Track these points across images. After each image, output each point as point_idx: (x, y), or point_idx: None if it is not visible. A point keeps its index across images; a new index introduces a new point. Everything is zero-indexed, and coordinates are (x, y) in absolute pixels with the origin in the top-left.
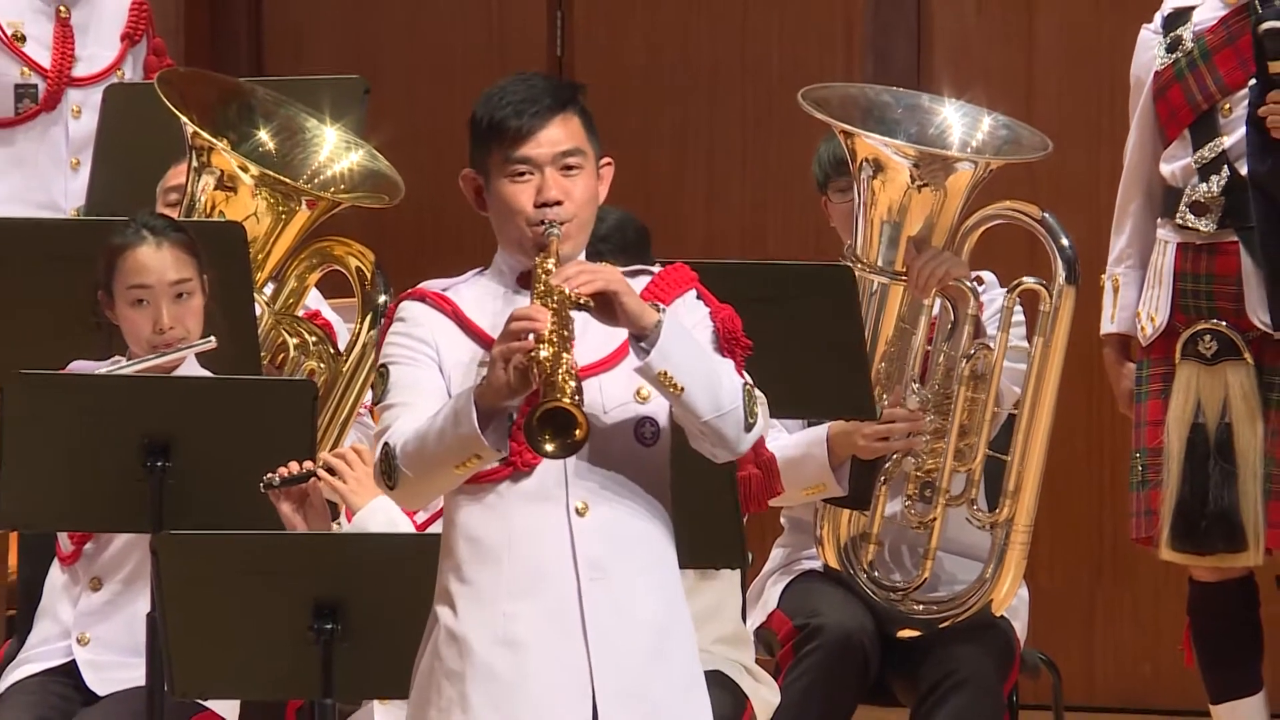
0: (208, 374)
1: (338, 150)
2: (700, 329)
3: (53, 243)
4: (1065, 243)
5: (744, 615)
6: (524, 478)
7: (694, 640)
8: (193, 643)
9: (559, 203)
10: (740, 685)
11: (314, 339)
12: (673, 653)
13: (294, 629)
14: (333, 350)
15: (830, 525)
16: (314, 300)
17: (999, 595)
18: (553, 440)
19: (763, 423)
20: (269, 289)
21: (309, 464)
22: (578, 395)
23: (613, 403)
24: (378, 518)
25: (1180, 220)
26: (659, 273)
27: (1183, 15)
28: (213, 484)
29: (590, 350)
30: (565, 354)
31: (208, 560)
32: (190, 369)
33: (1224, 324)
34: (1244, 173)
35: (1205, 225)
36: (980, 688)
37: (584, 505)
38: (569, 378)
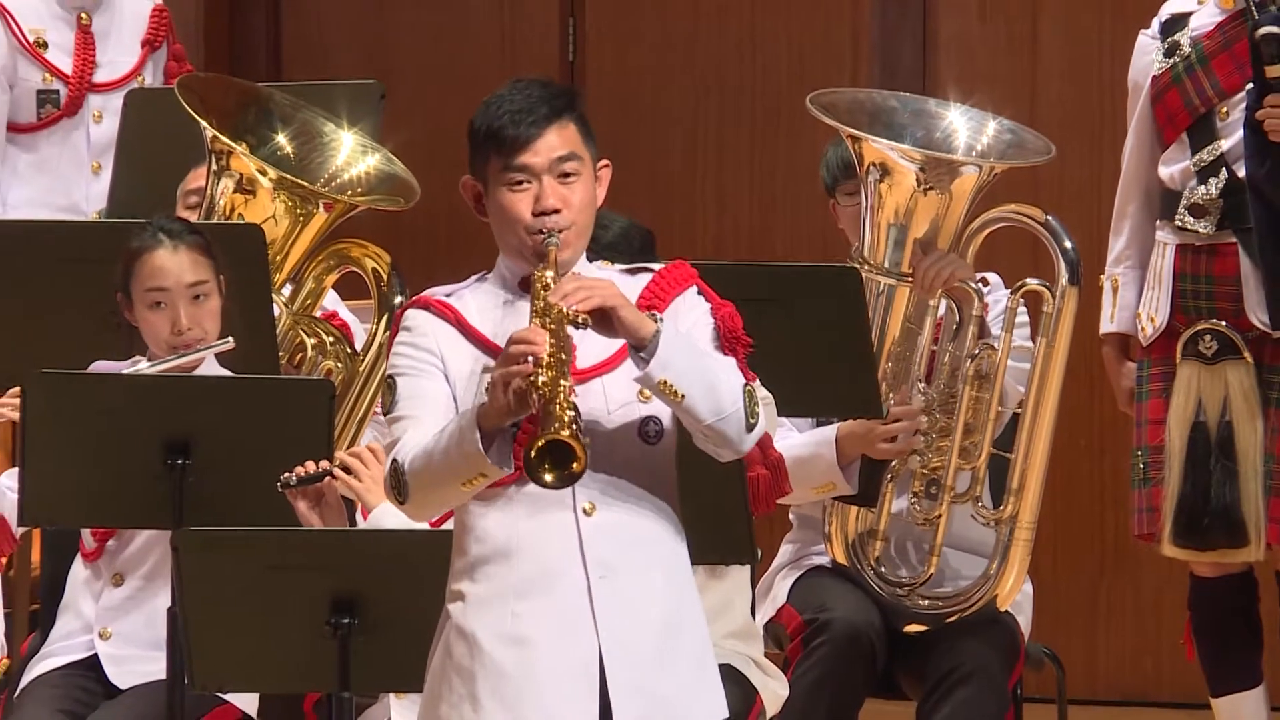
0: (227, 373)
1: (354, 154)
2: (701, 327)
3: (74, 245)
4: (1068, 245)
5: (753, 611)
6: (531, 481)
7: (706, 635)
8: (212, 637)
9: (557, 210)
10: (750, 679)
11: (331, 339)
12: (684, 647)
13: (311, 624)
14: (349, 350)
15: (838, 522)
16: (331, 301)
17: (1003, 590)
18: (552, 471)
19: (764, 422)
20: (287, 290)
21: (324, 463)
22: (576, 425)
23: (616, 403)
24: (392, 515)
25: (1179, 222)
26: (659, 270)
27: (1180, 21)
28: (232, 481)
29: (592, 352)
30: (563, 380)
31: (227, 556)
32: (209, 369)
33: (1223, 324)
34: (1242, 175)
35: (1204, 227)
36: (985, 681)
37: (591, 506)
38: (566, 407)
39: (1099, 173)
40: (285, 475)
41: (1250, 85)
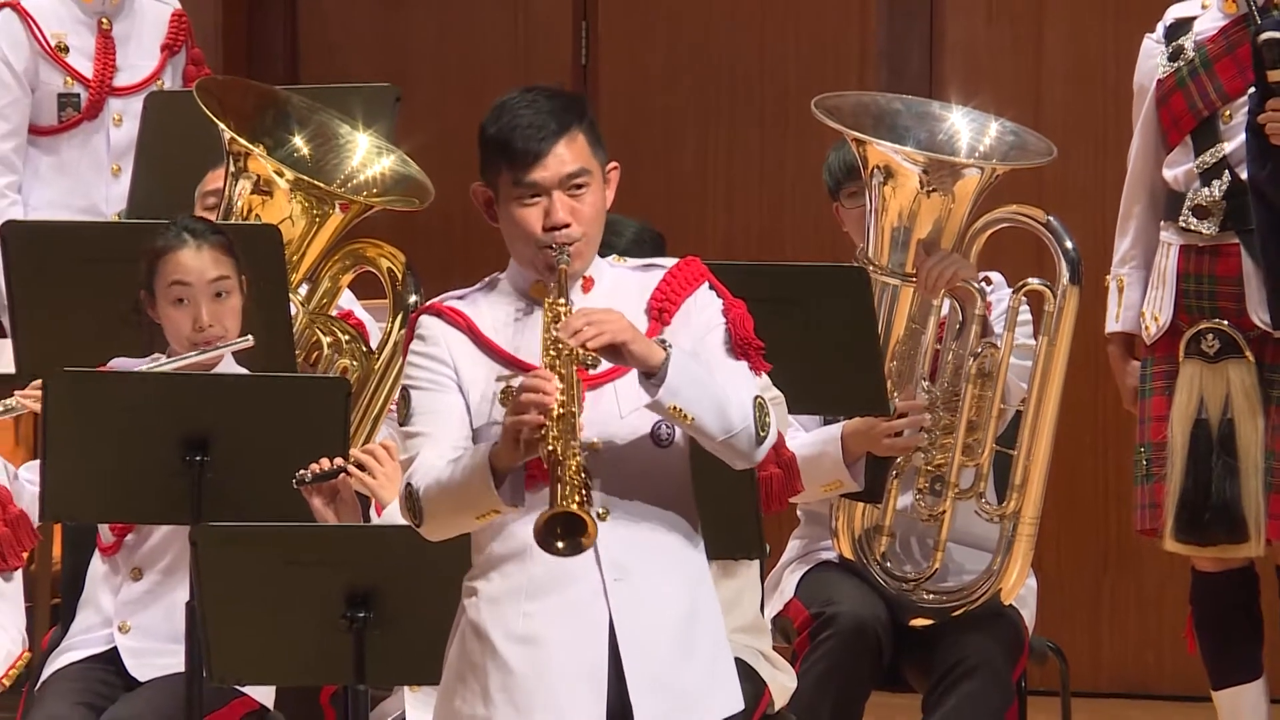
0: (245, 372)
1: (370, 156)
2: (713, 330)
3: (95, 245)
4: (1069, 245)
5: (763, 607)
6: (544, 484)
7: (722, 630)
8: (230, 631)
9: (567, 225)
10: (759, 672)
11: (347, 338)
12: (701, 643)
13: (327, 617)
14: (365, 349)
15: (845, 517)
16: (347, 300)
17: (1007, 585)
18: (564, 539)
19: (776, 428)
20: (303, 289)
21: (340, 460)
22: (585, 492)
23: (628, 407)
24: None
25: (1183, 223)
26: (670, 269)
27: (1184, 25)
28: (249, 478)
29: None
30: (573, 441)
31: (244, 551)
32: (227, 367)
33: (1226, 323)
34: (1244, 177)
35: (1207, 228)
36: (990, 674)
37: (605, 511)
38: (576, 471)
39: (1103, 174)
40: (301, 472)
41: (1252, 89)
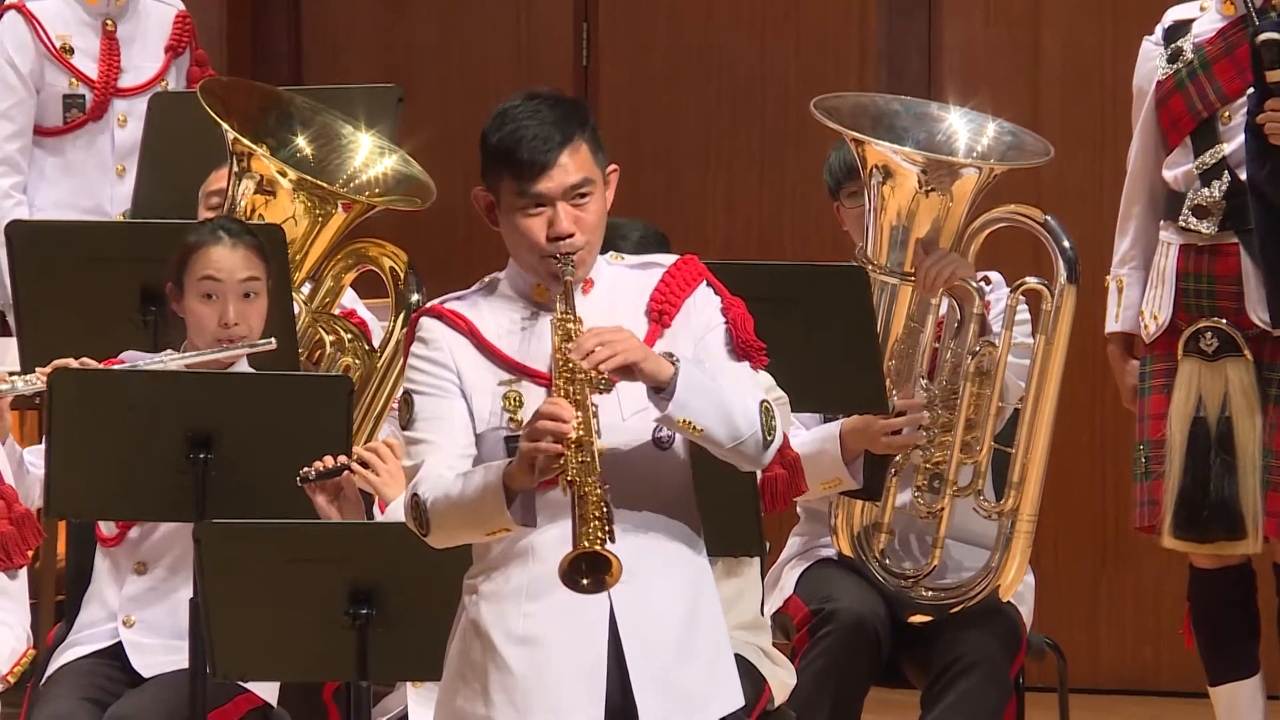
0: (249, 370)
1: (372, 156)
2: (714, 332)
3: (99, 245)
4: (1066, 244)
5: (763, 604)
6: (551, 488)
7: (724, 628)
8: (233, 627)
9: (571, 235)
10: (759, 668)
11: (349, 336)
12: (703, 641)
13: (330, 614)
14: (367, 347)
15: (844, 515)
16: (349, 299)
17: (1005, 582)
18: (588, 576)
19: (781, 430)
20: (307, 288)
21: (343, 458)
22: (608, 527)
23: (630, 409)
24: None
25: (1183, 223)
26: (669, 268)
27: (1183, 27)
28: (253, 475)
29: None
30: (592, 476)
31: (248, 548)
32: (239, 365)
33: (1224, 322)
34: (1244, 178)
35: (1207, 228)
36: (988, 670)
37: None
38: (599, 504)
39: (1100, 175)
40: (305, 469)
41: (1251, 90)
